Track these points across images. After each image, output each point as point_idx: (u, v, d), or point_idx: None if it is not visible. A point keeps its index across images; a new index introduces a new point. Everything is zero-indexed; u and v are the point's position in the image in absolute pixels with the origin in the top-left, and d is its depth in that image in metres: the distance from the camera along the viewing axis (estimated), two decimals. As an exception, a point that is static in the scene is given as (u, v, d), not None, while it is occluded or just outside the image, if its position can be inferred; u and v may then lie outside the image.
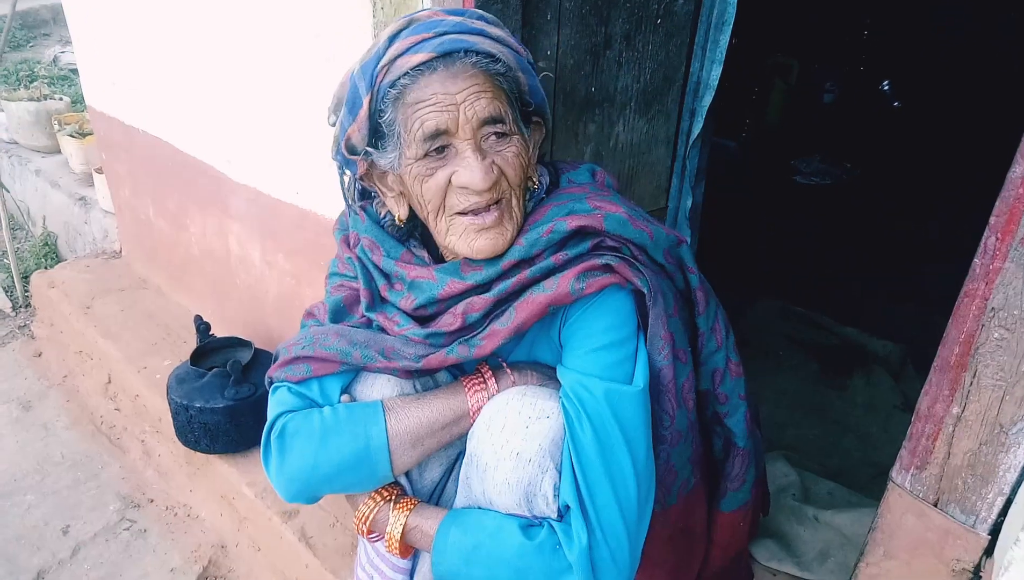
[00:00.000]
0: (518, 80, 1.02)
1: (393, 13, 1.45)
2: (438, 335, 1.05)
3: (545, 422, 1.00)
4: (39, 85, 4.14)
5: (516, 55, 1.02)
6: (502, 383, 1.09)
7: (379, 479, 1.09)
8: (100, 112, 2.68)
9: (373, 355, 1.06)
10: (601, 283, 1.00)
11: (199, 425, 1.89)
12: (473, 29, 0.99)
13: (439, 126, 0.96)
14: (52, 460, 2.22)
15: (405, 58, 0.96)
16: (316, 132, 1.70)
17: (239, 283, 2.27)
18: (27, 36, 6.56)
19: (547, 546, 0.99)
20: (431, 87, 0.95)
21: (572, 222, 1.01)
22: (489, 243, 1.02)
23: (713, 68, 1.84)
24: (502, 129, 0.98)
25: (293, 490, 1.09)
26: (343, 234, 1.23)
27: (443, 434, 1.08)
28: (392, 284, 1.12)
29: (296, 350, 1.10)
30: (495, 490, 1.02)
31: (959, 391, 1.04)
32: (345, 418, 1.06)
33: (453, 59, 0.95)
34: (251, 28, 1.77)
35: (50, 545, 1.93)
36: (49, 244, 3.52)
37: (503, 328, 1.02)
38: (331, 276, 1.23)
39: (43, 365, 2.70)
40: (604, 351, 1.02)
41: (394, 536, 1.09)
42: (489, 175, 0.97)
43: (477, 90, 0.95)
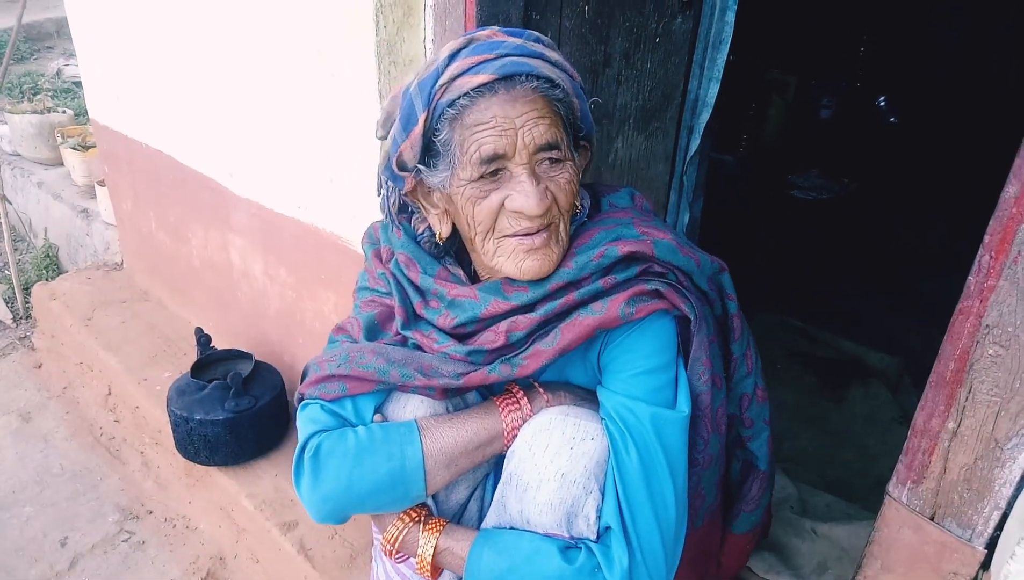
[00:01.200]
0: (572, 106, 1.01)
1: (396, 32, 1.47)
2: (479, 352, 1.04)
3: (590, 443, 1.00)
4: (42, 98, 4.17)
5: (571, 80, 1.02)
6: (535, 403, 1.08)
7: (412, 499, 1.08)
8: (103, 125, 2.70)
9: (411, 373, 1.04)
10: (650, 308, 1.01)
11: (199, 437, 1.90)
12: (533, 52, 0.98)
13: (497, 150, 0.95)
14: (51, 472, 2.23)
15: (465, 78, 0.95)
16: (319, 147, 1.72)
17: (240, 296, 2.28)
18: (31, 49, 6.60)
19: (586, 569, 0.98)
20: (491, 110, 0.94)
21: (623, 248, 1.01)
22: (536, 264, 1.02)
23: (711, 86, 1.87)
24: (557, 156, 0.98)
25: (326, 510, 1.07)
26: (374, 248, 1.21)
27: (477, 454, 1.07)
28: (428, 301, 1.10)
29: (331, 368, 1.07)
30: (536, 510, 1.01)
31: (955, 407, 1.05)
32: (381, 438, 1.05)
33: (514, 82, 0.95)
34: (255, 44, 1.79)
35: (48, 557, 1.93)
36: (51, 256, 3.53)
37: (548, 349, 1.01)
38: (360, 290, 1.21)
39: (43, 377, 2.71)
40: (648, 375, 1.03)
41: (425, 558, 1.07)
42: (544, 201, 0.97)
43: (537, 116, 0.95)
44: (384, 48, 1.47)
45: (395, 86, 1.52)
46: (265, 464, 1.98)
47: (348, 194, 1.70)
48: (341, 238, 1.77)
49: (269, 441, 2.00)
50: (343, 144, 1.65)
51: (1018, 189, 0.92)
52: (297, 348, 2.13)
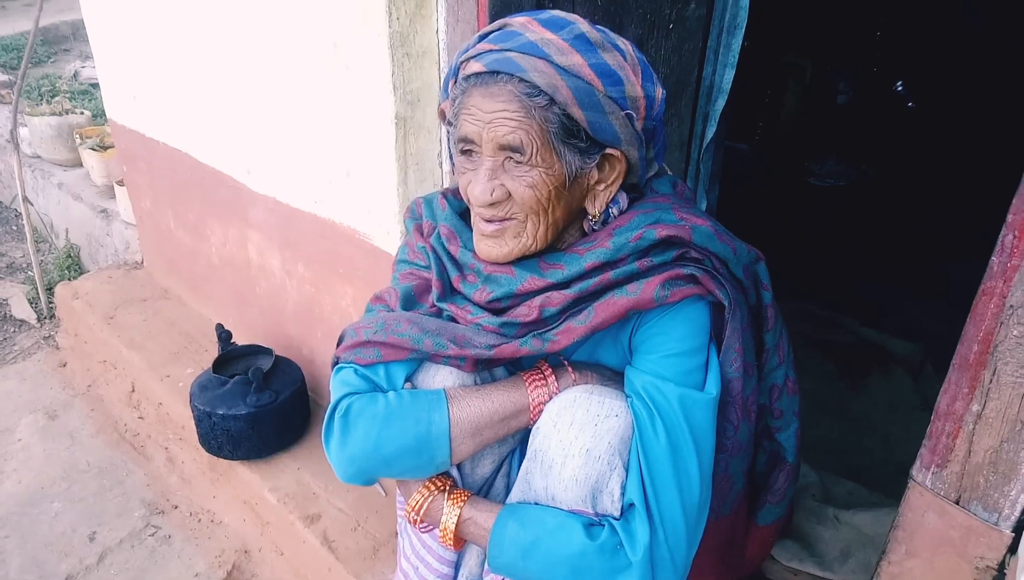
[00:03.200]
0: (571, 116, 0.98)
1: (409, 23, 1.48)
2: (512, 325, 1.06)
3: (614, 420, 1.01)
4: (60, 100, 4.21)
5: (585, 88, 0.97)
6: (562, 381, 1.09)
7: (436, 466, 1.09)
8: (121, 125, 2.73)
9: (445, 343, 1.06)
10: (685, 293, 1.01)
11: (222, 432, 1.92)
12: (540, 52, 0.96)
13: (468, 135, 1.01)
14: (78, 468, 2.26)
15: (472, 63, 1.01)
16: (335, 141, 1.73)
17: (259, 292, 2.30)
18: (48, 52, 6.68)
19: (608, 546, 0.99)
20: (473, 99, 0.99)
21: (661, 231, 1.02)
22: (486, 249, 1.06)
23: (726, 72, 1.85)
24: (520, 159, 0.99)
25: (352, 470, 1.09)
26: (416, 222, 1.25)
27: (502, 426, 1.09)
28: (465, 276, 1.12)
29: (367, 334, 1.10)
30: (560, 486, 1.02)
31: (979, 389, 1.04)
32: (409, 402, 1.07)
33: (496, 79, 0.97)
34: (269, 39, 1.80)
35: (78, 551, 1.97)
36: (72, 256, 3.58)
37: (580, 326, 1.02)
38: (400, 262, 1.24)
39: (68, 375, 2.75)
40: (679, 358, 1.03)
41: (448, 527, 1.09)
42: (487, 196, 1.00)
43: (505, 116, 0.97)
44: (397, 40, 1.47)
45: (408, 77, 1.53)
46: (287, 458, 2.00)
47: (365, 187, 1.70)
48: (358, 232, 1.78)
49: (291, 435, 2.02)
50: (359, 137, 1.65)
51: (1043, 167, 0.90)
52: (316, 342, 2.14)
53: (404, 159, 1.59)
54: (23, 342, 3.02)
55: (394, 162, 1.58)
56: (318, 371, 2.16)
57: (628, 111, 1.01)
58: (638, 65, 1.04)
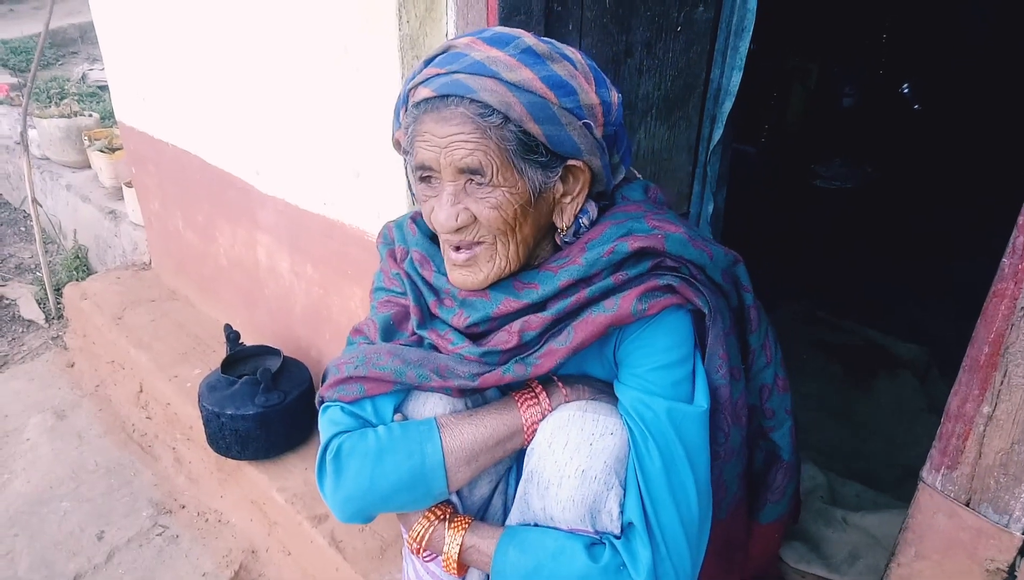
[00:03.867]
0: (527, 131, 0.96)
1: (419, 26, 1.48)
2: (493, 353, 1.05)
3: (609, 439, 1.00)
4: (69, 102, 4.23)
5: (539, 103, 0.95)
6: (554, 398, 1.08)
7: (434, 497, 1.08)
8: (130, 127, 2.75)
9: (428, 374, 1.05)
10: (663, 304, 1.00)
11: (230, 432, 1.93)
12: (488, 71, 0.95)
13: (425, 162, 0.99)
14: (86, 468, 2.27)
15: (419, 89, 0.99)
16: (344, 143, 1.74)
17: (267, 293, 2.31)
18: (56, 55, 6.72)
19: (612, 567, 0.99)
20: (426, 125, 0.98)
21: (633, 243, 1.01)
22: (462, 278, 1.05)
23: (733, 74, 1.85)
24: (481, 181, 0.98)
25: (349, 510, 1.08)
26: (388, 248, 1.23)
27: (497, 450, 1.07)
28: (442, 300, 1.11)
29: (348, 370, 1.09)
30: (558, 507, 1.01)
31: (990, 390, 1.04)
32: (400, 436, 1.06)
33: (446, 103, 0.95)
34: (279, 41, 1.81)
35: (86, 551, 1.98)
36: (80, 257, 3.60)
37: (561, 347, 1.01)
38: (376, 290, 1.22)
39: (76, 375, 2.76)
40: (665, 370, 1.02)
41: (451, 556, 1.08)
42: (452, 221, 0.99)
43: (461, 139, 0.95)
44: (407, 43, 1.48)
45: (419, 81, 1.54)
46: (295, 458, 2.01)
47: (374, 189, 1.71)
48: (367, 233, 1.79)
49: (299, 435, 2.03)
50: (368, 139, 1.66)
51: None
52: (324, 343, 2.15)
53: (413, 161, 1.60)
54: (31, 342, 3.04)
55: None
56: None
57: (585, 120, 0.99)
58: (590, 73, 1.02)
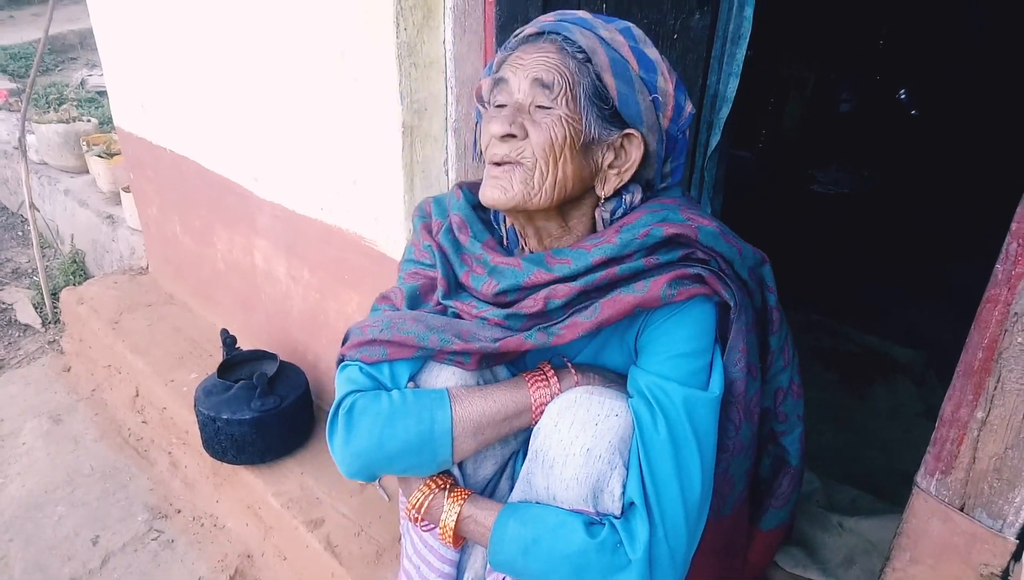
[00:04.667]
0: (602, 78, 1.02)
1: (416, 34, 1.49)
2: (517, 317, 1.07)
3: (615, 419, 1.02)
4: (68, 108, 4.24)
5: (622, 62, 1.03)
6: (565, 382, 1.10)
7: (439, 463, 1.10)
8: (128, 133, 2.75)
9: (449, 338, 1.07)
10: (691, 292, 1.02)
11: (226, 436, 1.93)
12: (588, 24, 1.04)
13: (504, 75, 1.05)
14: (82, 472, 2.27)
15: (525, 28, 1.08)
16: (342, 150, 1.74)
17: (264, 298, 2.31)
18: (55, 60, 6.73)
19: (608, 544, 1.00)
20: (518, 52, 1.05)
21: (668, 229, 1.03)
22: (490, 191, 1.06)
23: (730, 81, 1.86)
24: (546, 99, 1.01)
25: (356, 466, 1.10)
26: (424, 221, 1.26)
27: (503, 426, 1.10)
28: (472, 268, 1.14)
29: (372, 332, 1.12)
30: (562, 486, 1.02)
31: (983, 396, 1.04)
32: (413, 401, 1.09)
33: (545, 37, 1.04)
34: (277, 49, 1.82)
35: (81, 555, 1.97)
36: (77, 261, 3.60)
37: (587, 321, 1.03)
38: (405, 262, 1.25)
39: (72, 379, 2.76)
40: (684, 358, 1.04)
41: (448, 525, 1.10)
42: (505, 125, 1.02)
43: (543, 59, 1.02)
44: (404, 50, 1.48)
45: (415, 87, 1.54)
46: (291, 463, 2.01)
47: (372, 195, 1.71)
48: (364, 239, 1.79)
49: (295, 440, 2.03)
50: (366, 146, 1.67)
51: (1045, 175, 0.91)
52: (321, 348, 2.15)
53: (411, 167, 1.60)
54: (28, 347, 3.04)
55: (400, 170, 1.59)
56: (323, 376, 2.17)
57: (656, 96, 1.05)
58: (674, 73, 1.09)
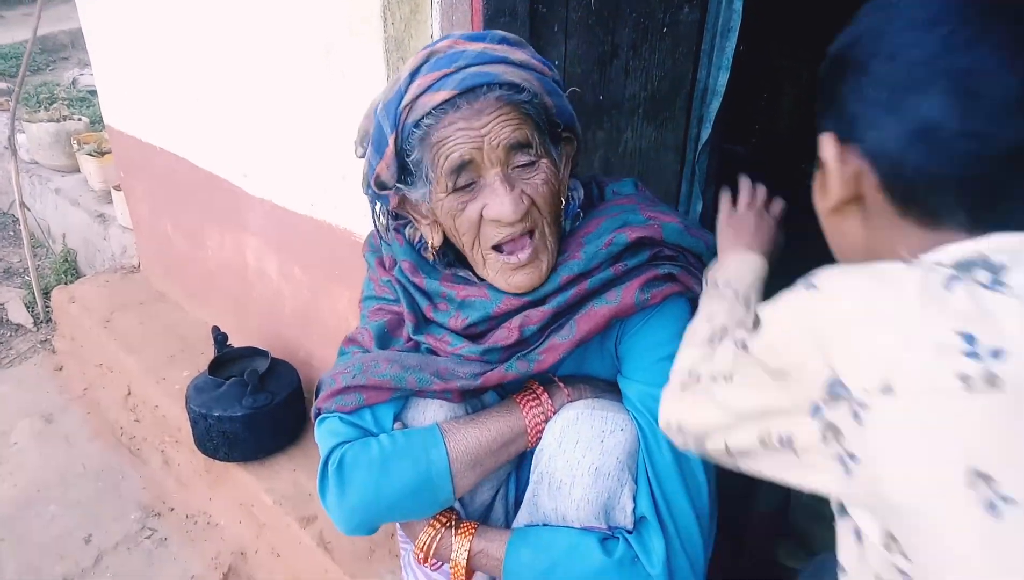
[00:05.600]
0: (544, 105, 0.99)
1: (404, 28, 1.49)
2: (494, 350, 1.03)
3: (620, 435, 1.00)
4: (58, 107, 4.23)
5: (541, 77, 1.00)
6: (556, 398, 1.07)
7: (441, 504, 1.07)
8: (118, 131, 2.74)
9: (428, 378, 1.02)
10: (665, 292, 1.01)
11: (218, 434, 1.92)
12: (495, 57, 0.96)
13: (463, 157, 0.95)
14: (74, 471, 2.26)
15: (427, 97, 0.94)
16: (331, 145, 1.74)
17: (256, 295, 2.30)
18: (47, 60, 6.71)
19: (627, 560, 0.98)
20: (456, 124, 0.94)
21: (631, 234, 1.01)
22: (526, 279, 1.02)
23: (720, 74, 1.86)
24: (529, 156, 0.97)
25: (355, 522, 1.06)
26: (376, 256, 1.20)
27: (502, 453, 1.06)
28: (436, 305, 1.09)
29: (345, 379, 1.06)
30: (572, 506, 1.00)
31: None
32: (404, 444, 1.04)
33: (476, 94, 0.93)
34: (265, 45, 1.81)
35: (74, 554, 1.97)
36: (69, 260, 3.59)
37: (564, 341, 1.01)
38: (367, 299, 1.20)
39: (64, 379, 2.75)
40: (669, 361, 1.01)
41: (459, 563, 1.06)
42: (519, 206, 0.96)
43: (503, 121, 0.94)
44: (392, 44, 1.48)
45: (404, 81, 1.54)
46: (283, 459, 2.00)
47: (360, 191, 1.71)
48: (354, 234, 1.79)
49: (287, 436, 2.03)
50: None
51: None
52: (313, 345, 2.15)
53: (399, 161, 1.60)
54: (20, 346, 3.03)
55: (389, 164, 1.59)
56: (314, 373, 2.16)
57: (569, 88, 1.06)
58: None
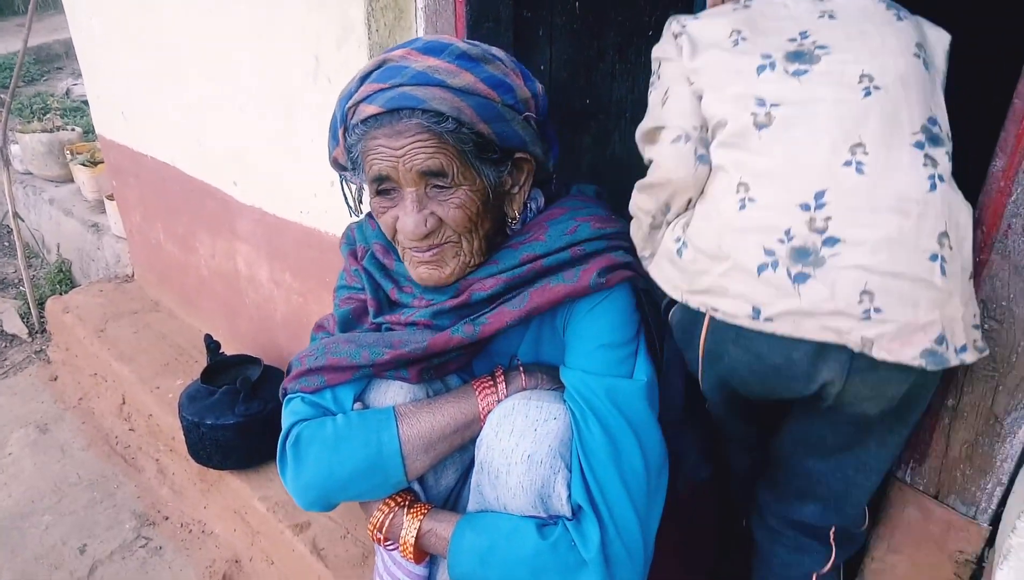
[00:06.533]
0: (479, 132, 1.01)
1: (388, 34, 1.49)
2: (442, 313, 1.08)
3: (552, 423, 1.02)
4: (52, 117, 4.23)
5: (484, 103, 1.01)
6: (512, 386, 1.10)
7: (393, 485, 1.10)
8: (110, 141, 2.74)
9: (380, 350, 1.07)
10: (620, 277, 1.05)
11: (211, 442, 1.92)
12: (432, 80, 0.98)
13: (382, 172, 1.02)
14: (69, 481, 2.26)
15: (362, 107, 1.01)
16: (318, 152, 1.74)
17: (248, 302, 2.31)
18: (41, 70, 6.72)
19: (562, 544, 1.00)
20: (378, 140, 1.00)
21: (595, 224, 1.07)
22: (428, 272, 1.08)
23: (706, 76, 1.86)
24: (443, 182, 1.02)
25: (310, 497, 1.10)
26: (350, 248, 1.27)
27: (455, 438, 1.09)
28: (402, 287, 1.16)
29: (309, 362, 1.12)
30: (509, 494, 1.03)
31: (953, 383, 1.05)
32: (357, 424, 1.08)
33: (399, 116, 0.98)
34: (252, 54, 1.82)
35: (68, 564, 1.96)
36: (64, 270, 3.59)
37: (514, 310, 1.04)
38: (339, 289, 1.26)
39: (59, 388, 2.75)
40: (607, 350, 1.05)
41: (408, 541, 1.10)
42: (421, 227, 1.03)
43: (418, 147, 0.98)
44: (377, 51, 1.48)
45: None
46: (276, 467, 2.00)
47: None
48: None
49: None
50: (342, 147, 1.67)
51: (1005, 163, 0.92)
52: (305, 352, 2.15)
53: (387, 167, 1.60)
54: (14, 357, 3.03)
55: (377, 170, 1.59)
56: (307, 380, 2.16)
57: (526, 113, 1.06)
58: (517, 68, 1.08)
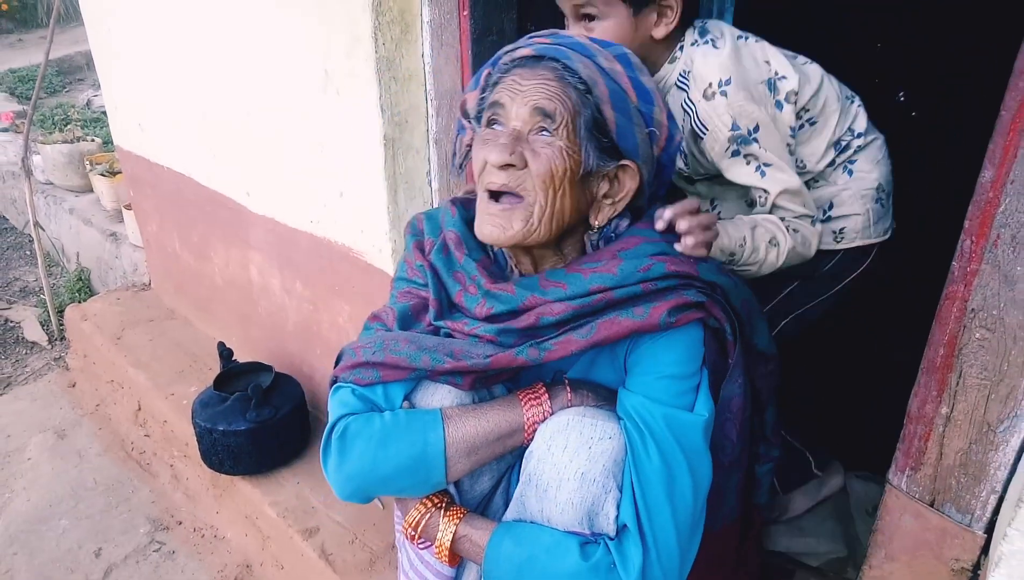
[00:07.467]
0: (601, 111, 1.03)
1: (395, 48, 1.53)
2: (509, 332, 1.06)
3: (608, 442, 1.02)
4: (72, 128, 4.32)
5: (618, 93, 1.04)
6: (557, 401, 1.09)
7: (432, 485, 1.10)
8: (128, 152, 2.81)
9: (441, 358, 1.06)
10: (690, 318, 1.04)
11: (223, 448, 1.96)
12: (587, 51, 1.04)
13: (500, 100, 1.05)
14: (85, 486, 2.31)
15: (520, 50, 1.07)
16: (328, 163, 1.78)
17: (260, 311, 2.35)
18: (63, 82, 6.86)
19: (602, 566, 1.00)
20: (514, 75, 1.05)
21: (670, 266, 1.04)
22: (489, 229, 1.06)
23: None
24: (548, 125, 1.01)
25: (349, 489, 1.11)
26: (416, 239, 1.25)
27: (497, 445, 1.09)
28: (466, 287, 1.13)
29: (365, 354, 1.11)
30: (556, 509, 1.02)
31: (946, 392, 1.06)
32: (405, 423, 1.08)
33: (542, 61, 1.04)
34: (266, 67, 1.86)
35: (84, 567, 2.01)
36: (83, 279, 3.66)
37: (581, 339, 1.03)
38: (398, 280, 1.24)
39: (77, 395, 2.81)
40: (672, 381, 1.04)
41: (444, 544, 1.09)
42: (504, 154, 1.01)
43: (543, 87, 1.02)
44: (384, 64, 1.52)
45: (396, 100, 1.58)
46: (287, 472, 2.04)
47: (357, 207, 1.75)
48: (353, 250, 1.83)
49: (290, 450, 2.06)
50: (351, 158, 1.70)
51: (993, 174, 0.93)
52: (315, 359, 2.19)
53: (394, 179, 1.64)
54: (34, 364, 3.10)
55: (384, 182, 1.63)
56: (317, 387, 2.20)
57: (652, 128, 1.07)
58: (666, 104, 1.10)
